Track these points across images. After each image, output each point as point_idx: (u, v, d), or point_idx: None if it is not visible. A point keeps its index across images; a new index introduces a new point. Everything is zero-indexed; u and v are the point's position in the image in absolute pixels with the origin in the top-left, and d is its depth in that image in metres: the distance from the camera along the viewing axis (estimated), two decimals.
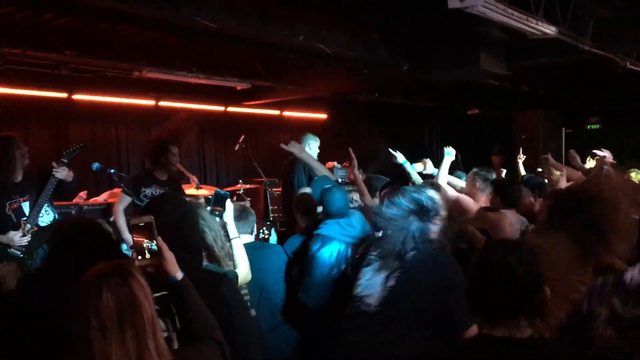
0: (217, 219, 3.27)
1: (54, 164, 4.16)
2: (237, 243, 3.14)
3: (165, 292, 2.02)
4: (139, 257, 1.99)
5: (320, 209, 3.83)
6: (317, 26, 6.10)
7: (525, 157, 7.01)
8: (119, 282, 1.60)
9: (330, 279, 3.45)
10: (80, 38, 6.42)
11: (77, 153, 4.35)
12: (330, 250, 3.49)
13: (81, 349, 1.52)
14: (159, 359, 1.58)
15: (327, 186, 3.81)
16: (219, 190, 3.28)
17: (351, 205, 3.76)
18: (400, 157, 5.12)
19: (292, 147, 4.43)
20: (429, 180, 4.83)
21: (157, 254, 1.99)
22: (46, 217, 4.27)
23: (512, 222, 3.90)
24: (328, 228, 3.54)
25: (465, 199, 4.52)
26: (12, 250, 4.05)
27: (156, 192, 4.92)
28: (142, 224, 2.02)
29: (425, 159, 5.68)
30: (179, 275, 2.01)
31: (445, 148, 5.23)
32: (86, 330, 1.52)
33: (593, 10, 6.22)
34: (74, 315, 1.56)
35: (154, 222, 2.02)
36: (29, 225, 4.17)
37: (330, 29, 6.27)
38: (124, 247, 4.38)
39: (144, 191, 4.94)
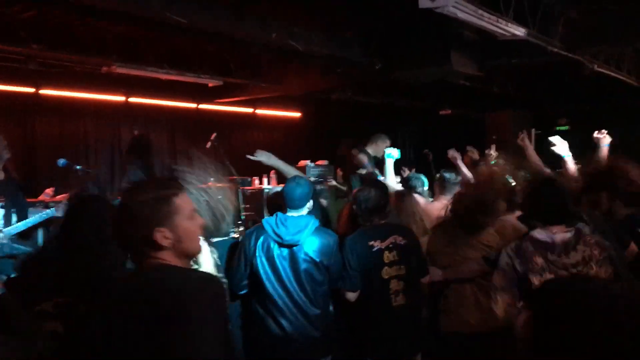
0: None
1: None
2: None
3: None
4: None
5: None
6: (290, 23, 6.08)
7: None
8: None
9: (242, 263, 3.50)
10: (48, 32, 6.26)
11: None
12: (255, 237, 3.53)
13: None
14: None
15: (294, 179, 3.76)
16: None
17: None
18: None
19: (260, 156, 4.33)
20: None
21: None
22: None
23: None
24: (268, 219, 3.57)
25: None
26: None
27: None
28: None
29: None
30: None
31: (385, 150, 5.29)
32: None
33: (561, 12, 6.32)
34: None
35: None
36: None
37: (304, 26, 6.25)
38: None
39: None
